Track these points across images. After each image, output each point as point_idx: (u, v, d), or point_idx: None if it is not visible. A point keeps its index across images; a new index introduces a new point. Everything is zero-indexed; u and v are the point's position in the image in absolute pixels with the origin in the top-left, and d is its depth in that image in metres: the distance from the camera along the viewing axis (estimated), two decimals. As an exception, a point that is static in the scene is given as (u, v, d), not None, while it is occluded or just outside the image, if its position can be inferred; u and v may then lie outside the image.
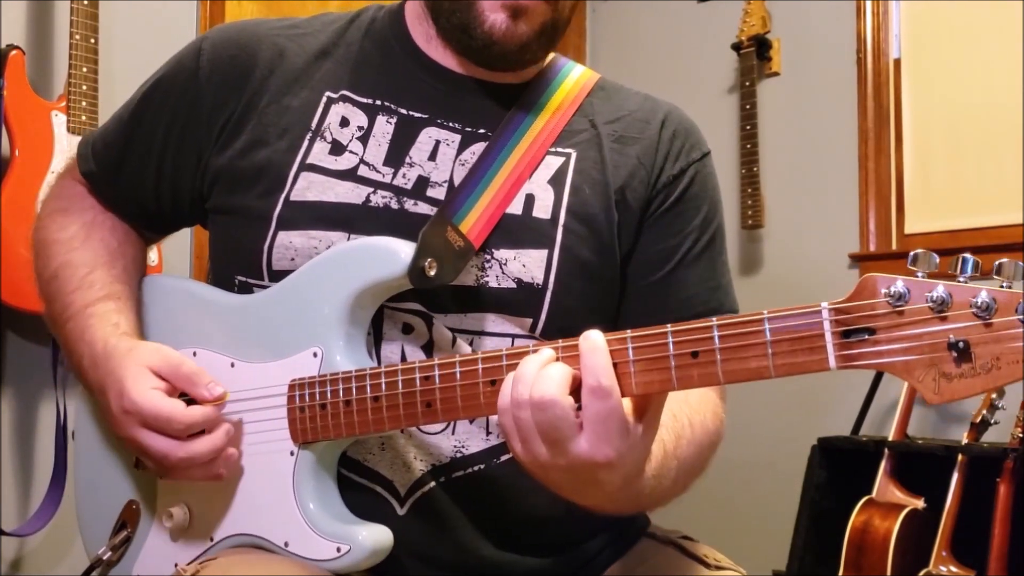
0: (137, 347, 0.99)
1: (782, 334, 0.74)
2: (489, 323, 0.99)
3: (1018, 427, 2.26)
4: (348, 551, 0.91)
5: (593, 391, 0.77)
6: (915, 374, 0.70)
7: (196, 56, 1.07)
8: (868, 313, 0.72)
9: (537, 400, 0.77)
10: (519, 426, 0.79)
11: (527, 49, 1.02)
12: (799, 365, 0.74)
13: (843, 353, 0.72)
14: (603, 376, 0.77)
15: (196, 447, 0.94)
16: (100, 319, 1.03)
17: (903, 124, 2.90)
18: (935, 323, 0.69)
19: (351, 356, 0.95)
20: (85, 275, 1.06)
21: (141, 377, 0.96)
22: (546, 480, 0.83)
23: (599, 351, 0.78)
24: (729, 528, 2.84)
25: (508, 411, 0.80)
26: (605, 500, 0.84)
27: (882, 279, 0.72)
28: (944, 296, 0.69)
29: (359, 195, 1.00)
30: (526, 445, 0.80)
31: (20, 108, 2.19)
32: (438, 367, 0.88)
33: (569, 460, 0.78)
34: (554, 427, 0.77)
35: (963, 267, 0.70)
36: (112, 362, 0.98)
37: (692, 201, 1.08)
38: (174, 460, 0.94)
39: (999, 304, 0.68)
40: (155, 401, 0.94)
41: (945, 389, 0.69)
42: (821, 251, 3.01)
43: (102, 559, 1.06)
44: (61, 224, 1.12)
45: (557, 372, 0.78)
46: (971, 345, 0.68)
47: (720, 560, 1.06)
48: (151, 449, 0.95)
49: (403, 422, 0.90)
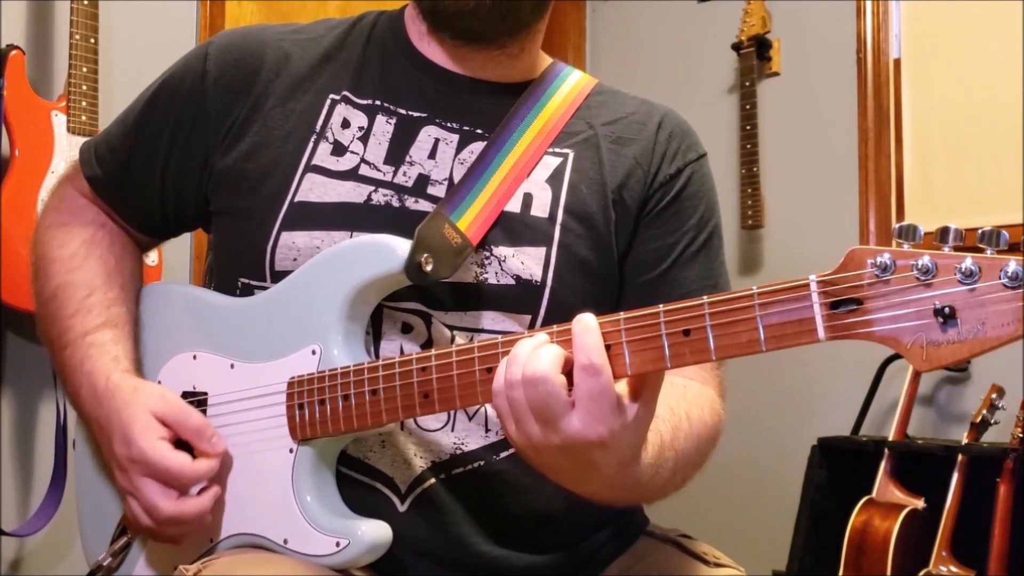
0: (141, 389, 1.01)
1: (771, 308, 0.75)
2: (488, 320, 1.00)
3: (1018, 427, 2.26)
4: (347, 546, 0.92)
5: (584, 368, 0.78)
6: (903, 342, 0.71)
7: (203, 60, 1.08)
8: (855, 284, 0.73)
9: (529, 377, 0.78)
10: (512, 406, 0.80)
11: (482, 9, 1.01)
12: (789, 338, 0.75)
13: (832, 324, 0.73)
14: (594, 354, 0.78)
15: (186, 507, 0.96)
16: (99, 350, 1.04)
17: (903, 124, 2.90)
18: (920, 290, 0.71)
19: (349, 353, 0.95)
20: (84, 298, 1.07)
21: (149, 427, 0.97)
22: (541, 464, 0.83)
23: (591, 331, 0.79)
24: (729, 528, 2.84)
25: (502, 392, 0.81)
26: (602, 486, 0.84)
27: (868, 251, 0.73)
28: (929, 265, 0.70)
29: (361, 194, 1.01)
30: (519, 425, 0.81)
31: (20, 108, 2.20)
32: (435, 357, 0.88)
33: (562, 438, 0.79)
34: (546, 404, 0.78)
35: (946, 237, 0.71)
36: (116, 402, 0.99)
37: (689, 200, 1.09)
38: (162, 515, 0.96)
39: (983, 269, 0.69)
40: (164, 454, 0.96)
41: (933, 356, 0.70)
42: (821, 251, 3.01)
43: (102, 565, 1.06)
44: (61, 241, 1.12)
45: (549, 351, 0.80)
46: (957, 311, 0.69)
47: (720, 558, 1.06)
48: (145, 499, 0.96)
49: (400, 414, 0.91)
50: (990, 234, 0.69)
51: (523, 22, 1.05)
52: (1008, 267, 0.68)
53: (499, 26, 1.04)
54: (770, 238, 3.12)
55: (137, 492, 0.97)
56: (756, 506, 2.93)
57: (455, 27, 1.04)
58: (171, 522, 0.96)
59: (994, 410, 2.35)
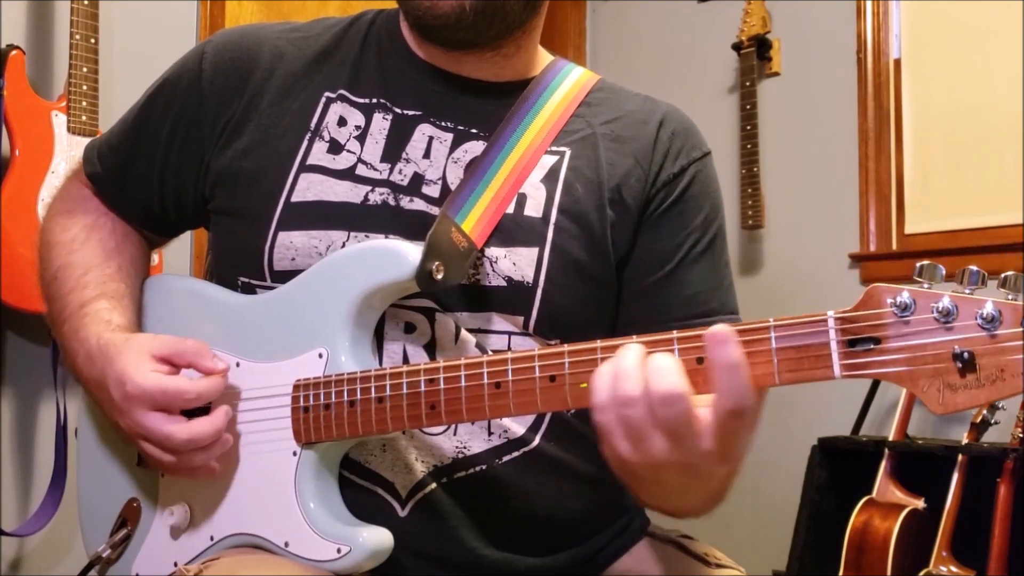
0: (133, 337, 1.00)
1: (788, 342, 0.74)
2: (485, 320, 1.00)
3: (1018, 427, 2.26)
4: (348, 552, 0.91)
5: (734, 414, 0.74)
6: (919, 384, 0.71)
7: (199, 59, 1.09)
8: (874, 323, 0.72)
9: (663, 394, 0.74)
10: (630, 424, 0.76)
11: (464, 19, 1.00)
12: (804, 374, 0.74)
13: (848, 362, 0.73)
14: (746, 396, 0.73)
15: (199, 427, 0.93)
16: (93, 317, 1.03)
17: (903, 124, 2.90)
18: (940, 333, 0.70)
19: (356, 357, 0.95)
20: (80, 276, 1.07)
21: (142, 362, 0.96)
22: (655, 479, 0.80)
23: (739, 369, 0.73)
24: (729, 528, 2.85)
25: (610, 408, 0.76)
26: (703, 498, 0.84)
27: (888, 289, 0.72)
28: (950, 307, 0.70)
29: (358, 194, 1.01)
30: (639, 444, 0.76)
31: (20, 108, 2.20)
32: (443, 370, 0.88)
33: (693, 457, 0.75)
34: (682, 423, 0.74)
35: (968, 279, 0.71)
36: (109, 352, 0.98)
37: (693, 200, 1.07)
38: (178, 441, 0.93)
39: (1004, 316, 0.68)
40: (161, 379, 0.94)
41: (949, 400, 0.70)
42: (821, 251, 3.01)
43: (101, 556, 1.06)
44: (64, 226, 1.13)
45: (671, 363, 0.75)
46: (976, 356, 0.69)
47: (721, 559, 1.06)
48: (155, 432, 0.94)
49: (406, 423, 0.90)
50: (1013, 279, 0.69)
51: (514, 22, 1.04)
52: None
53: (488, 30, 1.02)
54: (770, 238, 3.12)
55: (144, 428, 0.95)
56: (756, 506, 2.93)
57: (443, 38, 1.03)
58: (189, 445, 0.93)
59: (994, 410, 2.35)
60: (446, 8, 0.99)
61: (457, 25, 1.00)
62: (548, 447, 1.01)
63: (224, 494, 0.99)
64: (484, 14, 1.00)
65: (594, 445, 0.89)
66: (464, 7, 0.99)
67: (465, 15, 1.00)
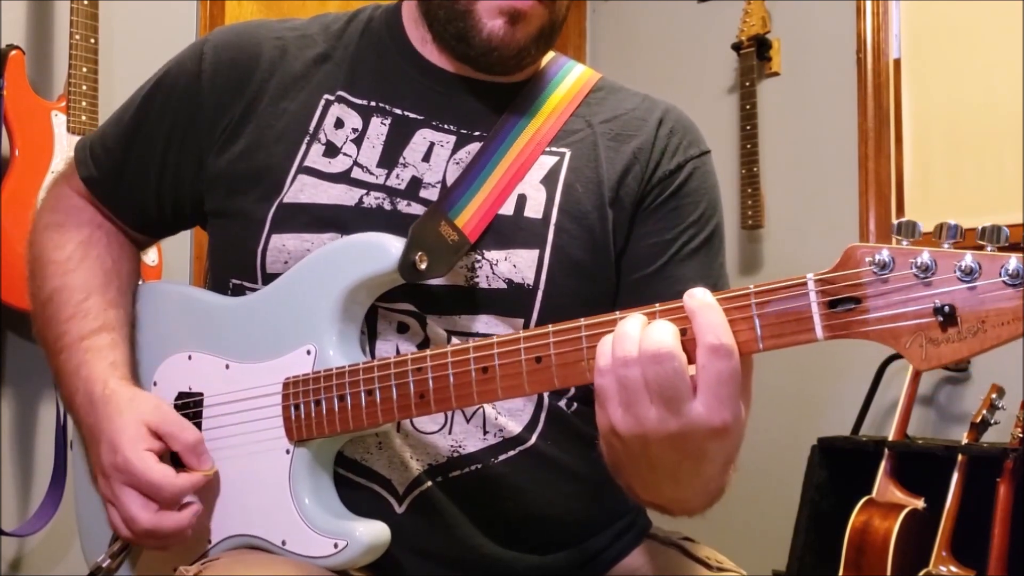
0: (137, 398, 1.00)
1: (769, 307, 0.74)
2: (481, 324, 0.99)
3: (1018, 427, 2.25)
4: (345, 547, 0.91)
5: (713, 350, 0.73)
6: (902, 341, 0.70)
7: (198, 58, 1.08)
8: (853, 282, 0.72)
9: (653, 352, 0.74)
10: (624, 386, 0.75)
11: (525, 53, 1.02)
12: (788, 339, 0.74)
13: (830, 323, 0.72)
14: (723, 334, 0.73)
15: (165, 522, 0.95)
16: (96, 355, 1.03)
17: (903, 124, 2.89)
18: (920, 289, 0.69)
19: (344, 353, 0.95)
20: (80, 302, 1.06)
21: (138, 437, 0.96)
22: (644, 454, 0.78)
23: (714, 309, 0.74)
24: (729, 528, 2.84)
25: (610, 371, 0.76)
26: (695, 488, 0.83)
27: (866, 248, 0.72)
28: (928, 262, 0.69)
29: (352, 197, 1.00)
30: (631, 408, 0.76)
31: (20, 108, 2.20)
32: (430, 358, 0.88)
33: (681, 424, 0.75)
34: (671, 383, 0.74)
35: (947, 233, 0.70)
36: (110, 409, 0.99)
37: (689, 197, 1.07)
38: (139, 528, 0.95)
39: (983, 267, 0.67)
40: (149, 465, 0.95)
41: (932, 355, 0.69)
42: (821, 251, 3.00)
43: (101, 567, 1.05)
44: (57, 243, 1.11)
45: (666, 326, 0.75)
46: (956, 309, 0.68)
47: (722, 562, 1.06)
48: (124, 509, 0.96)
49: (396, 415, 0.90)
50: (991, 230, 0.68)
51: (533, 58, 1.06)
52: (1008, 264, 0.66)
53: (511, 62, 1.04)
54: (770, 238, 3.12)
55: (117, 501, 0.96)
56: (756, 506, 2.92)
57: (487, 65, 1.04)
58: (149, 535, 0.95)
59: (994, 410, 2.35)
60: (515, 48, 1.01)
61: (515, 57, 1.02)
62: (545, 446, 1.01)
63: (220, 497, 0.99)
64: (530, 50, 1.03)
65: (592, 444, 0.89)
66: (529, 50, 1.02)
67: (529, 55, 1.03)
